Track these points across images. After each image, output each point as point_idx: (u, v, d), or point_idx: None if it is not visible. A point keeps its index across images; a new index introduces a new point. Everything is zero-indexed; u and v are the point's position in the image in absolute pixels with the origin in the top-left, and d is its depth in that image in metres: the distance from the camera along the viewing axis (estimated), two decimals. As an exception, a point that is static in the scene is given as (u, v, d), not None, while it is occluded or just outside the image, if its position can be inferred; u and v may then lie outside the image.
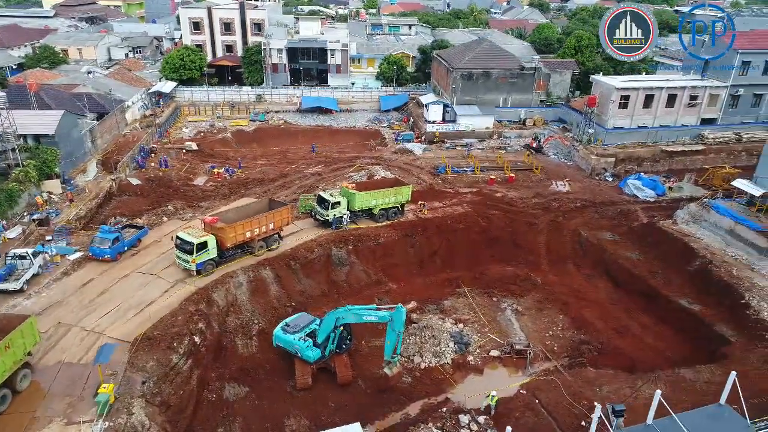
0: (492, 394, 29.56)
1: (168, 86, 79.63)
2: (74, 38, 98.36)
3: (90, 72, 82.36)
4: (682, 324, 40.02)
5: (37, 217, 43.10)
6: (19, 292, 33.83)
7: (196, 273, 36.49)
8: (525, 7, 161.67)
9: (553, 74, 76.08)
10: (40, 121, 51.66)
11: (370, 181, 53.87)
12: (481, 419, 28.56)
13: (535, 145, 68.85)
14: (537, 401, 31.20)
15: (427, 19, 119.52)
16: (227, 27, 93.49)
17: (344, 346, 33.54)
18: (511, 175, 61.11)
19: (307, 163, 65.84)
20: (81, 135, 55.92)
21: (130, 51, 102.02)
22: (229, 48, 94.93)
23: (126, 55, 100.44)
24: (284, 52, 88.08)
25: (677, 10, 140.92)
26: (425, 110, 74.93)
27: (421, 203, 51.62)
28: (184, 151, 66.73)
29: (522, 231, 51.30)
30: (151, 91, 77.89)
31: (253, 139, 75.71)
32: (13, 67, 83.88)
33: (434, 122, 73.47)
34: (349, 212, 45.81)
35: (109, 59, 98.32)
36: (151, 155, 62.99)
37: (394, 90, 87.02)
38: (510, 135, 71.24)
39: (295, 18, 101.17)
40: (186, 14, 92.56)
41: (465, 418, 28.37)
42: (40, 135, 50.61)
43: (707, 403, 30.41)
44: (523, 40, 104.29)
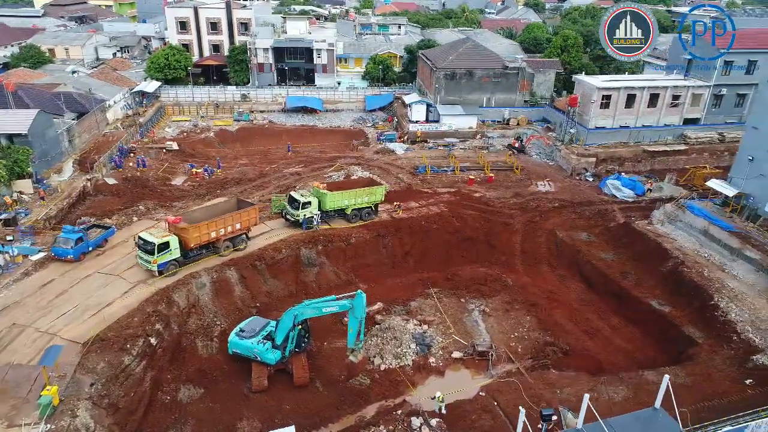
0: (437, 395, 29.27)
1: (152, 86, 79.42)
2: (61, 38, 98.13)
3: (75, 72, 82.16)
4: (651, 325, 39.69)
5: (4, 216, 42.82)
6: (-23, 292, 33.63)
7: (158, 273, 36.23)
8: (520, 7, 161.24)
9: (537, 74, 75.73)
10: (13, 120, 51.46)
11: (343, 181, 53.61)
12: (434, 422, 28.23)
13: (517, 145, 68.46)
14: (495, 403, 30.89)
15: (418, 18, 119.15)
16: (214, 26, 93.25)
17: (303, 345, 33.23)
18: (491, 175, 60.76)
19: (287, 163, 65.54)
20: (57, 134, 55.70)
21: (118, 51, 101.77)
22: (216, 48, 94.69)
23: (114, 54, 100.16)
24: (270, 51, 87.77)
25: (670, 10, 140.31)
26: (409, 110, 74.58)
27: (396, 204, 51.36)
28: (164, 150, 66.48)
29: (497, 231, 50.97)
30: (134, 91, 77.65)
31: (236, 138, 75.49)
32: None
33: (417, 122, 73.12)
34: (320, 212, 45.52)
35: (96, 59, 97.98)
36: (131, 155, 62.74)
37: (380, 90, 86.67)
38: (492, 135, 70.84)
39: (283, 17, 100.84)
40: (172, 14, 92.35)
41: (417, 421, 28.06)
42: (13, 134, 50.35)
43: (669, 405, 30.49)
44: (512, 40, 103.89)
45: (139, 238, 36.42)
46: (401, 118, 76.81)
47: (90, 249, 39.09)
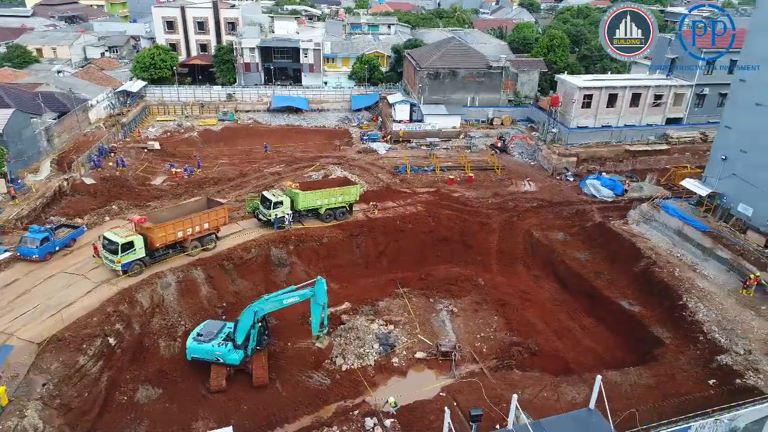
0: (389, 399, 29.18)
1: (136, 85, 79.31)
2: (49, 37, 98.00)
3: (60, 71, 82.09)
4: (621, 326, 39.49)
5: (-27, 216, 42.77)
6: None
7: (122, 273, 36.08)
8: (514, 7, 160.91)
9: (520, 73, 75.55)
10: (-12, 120, 51.29)
11: (316, 180, 53.46)
12: (388, 422, 28.08)
13: (500, 144, 68.29)
14: (455, 404, 30.72)
15: (408, 18, 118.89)
16: (201, 26, 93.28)
17: (264, 342, 33.13)
18: (470, 175, 60.60)
19: (268, 163, 65.38)
20: (34, 134, 55.59)
21: (107, 50, 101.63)
22: (203, 47, 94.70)
23: (102, 54, 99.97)
24: (257, 51, 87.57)
25: (663, 10, 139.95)
26: (393, 110, 74.43)
27: (372, 203, 51.22)
28: (145, 150, 66.35)
29: (474, 231, 50.81)
30: (118, 91, 77.53)
31: (220, 138, 75.28)
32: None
33: (401, 122, 72.98)
34: (292, 212, 45.35)
35: (85, 59, 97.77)
36: (111, 155, 62.60)
37: (366, 90, 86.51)
38: (475, 135, 70.66)
39: (270, 17, 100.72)
40: (159, 13, 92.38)
41: (371, 422, 27.91)
42: (-13, 134, 50.28)
43: (630, 406, 30.33)
44: (502, 40, 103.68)
45: (104, 237, 36.29)
46: (386, 118, 76.65)
47: (57, 249, 38.95)
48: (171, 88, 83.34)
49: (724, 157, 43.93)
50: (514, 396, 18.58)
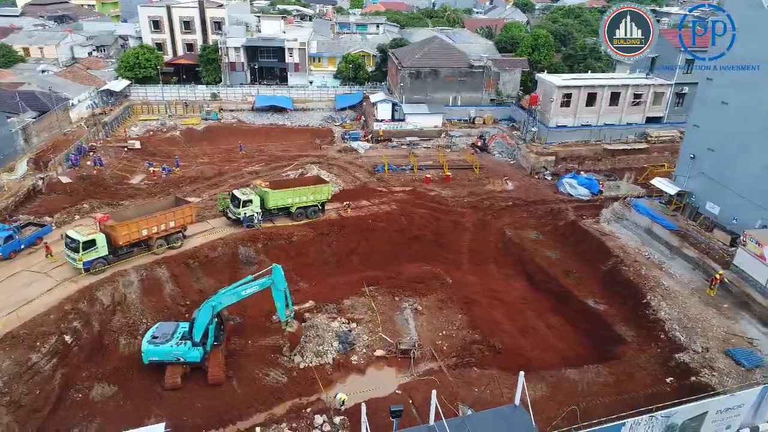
0: (338, 396, 29.22)
1: (119, 85, 79.42)
2: (36, 37, 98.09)
3: (45, 71, 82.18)
4: (586, 324, 39.47)
5: (-59, 215, 42.86)
6: None
7: (84, 271, 36.14)
8: (507, 7, 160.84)
9: (502, 72, 75.57)
10: (-38, 119, 51.46)
11: (287, 179, 53.50)
12: (337, 420, 28.08)
13: (480, 144, 68.33)
14: (410, 401, 30.71)
15: (397, 18, 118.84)
16: (187, 25, 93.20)
17: (220, 337, 33.21)
18: (448, 174, 60.64)
19: (248, 162, 65.48)
20: (11, 133, 55.67)
21: (94, 50, 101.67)
22: (189, 47, 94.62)
23: (89, 53, 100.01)
24: (242, 50, 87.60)
25: (654, 10, 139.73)
26: (375, 109, 74.46)
27: (346, 203, 51.27)
28: (125, 149, 66.45)
29: (447, 230, 50.85)
30: (101, 90, 77.61)
31: (203, 137, 75.31)
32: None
33: (383, 121, 73.02)
34: (261, 210, 45.40)
35: (72, 58, 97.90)
36: (90, 154, 62.69)
37: (351, 89, 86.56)
38: (455, 134, 70.67)
39: (257, 16, 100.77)
40: (145, 12, 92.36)
41: (320, 419, 27.93)
42: (-40, 133, 50.43)
43: (584, 403, 30.35)
44: (489, 39, 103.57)
45: (66, 236, 36.37)
46: (369, 117, 76.71)
47: (21, 247, 39.04)
48: (155, 88, 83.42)
49: (692, 156, 43.94)
50: (433, 392, 18.57)
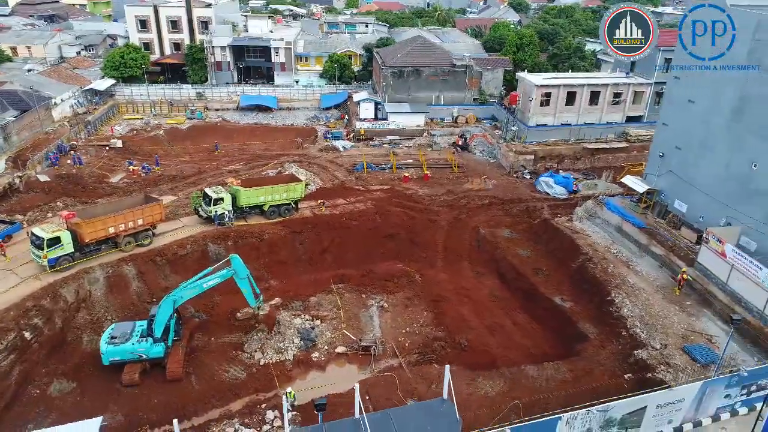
0: (288, 390, 29.32)
1: (104, 84, 79.65)
2: (24, 36, 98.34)
3: (30, 70, 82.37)
4: (553, 321, 39.60)
5: None
6: None
7: (49, 268, 36.30)
8: (502, 7, 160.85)
9: (485, 72, 75.70)
10: (-62, 117, 51.63)
11: (260, 177, 53.68)
12: (290, 415, 28.16)
13: (461, 143, 68.45)
14: (368, 397, 30.83)
15: (386, 17, 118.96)
16: (174, 25, 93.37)
17: (180, 332, 33.42)
18: (426, 172, 60.77)
19: (228, 161, 65.60)
20: (-11, 132, 55.93)
21: (83, 49, 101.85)
22: (176, 46, 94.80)
23: (78, 53, 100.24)
24: (228, 50, 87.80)
25: (651, 10, 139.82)
26: (358, 108, 74.62)
27: (320, 201, 51.43)
28: (106, 148, 66.62)
29: (421, 228, 50.94)
30: (85, 89, 77.81)
31: (186, 136, 75.42)
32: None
33: (365, 120, 73.15)
34: (233, 209, 45.56)
35: (60, 57, 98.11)
36: (70, 152, 62.88)
37: (336, 88, 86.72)
38: (437, 133, 70.80)
39: (244, 16, 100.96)
40: (132, 12, 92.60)
41: (271, 414, 28.10)
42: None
43: (540, 399, 30.47)
44: (477, 39, 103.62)
45: (31, 233, 36.54)
46: (353, 116, 76.84)
47: (-11, 244, 39.24)
48: (141, 87, 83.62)
49: (661, 154, 44.03)
50: (356, 385, 18.69)
